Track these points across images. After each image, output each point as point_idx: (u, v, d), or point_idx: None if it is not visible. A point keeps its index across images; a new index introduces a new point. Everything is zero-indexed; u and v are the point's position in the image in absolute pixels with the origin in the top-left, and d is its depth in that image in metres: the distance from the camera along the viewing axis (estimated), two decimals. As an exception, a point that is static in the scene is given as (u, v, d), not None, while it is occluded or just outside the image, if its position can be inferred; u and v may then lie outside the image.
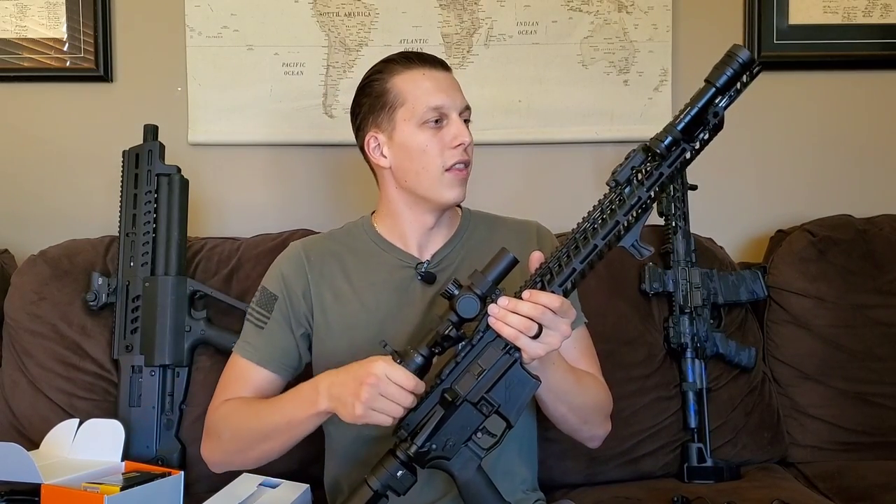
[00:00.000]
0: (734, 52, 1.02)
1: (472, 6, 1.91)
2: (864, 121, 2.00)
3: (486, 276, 1.04)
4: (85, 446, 1.37)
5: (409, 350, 1.06)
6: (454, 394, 1.05)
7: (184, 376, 1.56)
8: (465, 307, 1.04)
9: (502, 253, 1.05)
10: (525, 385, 1.07)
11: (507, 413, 1.07)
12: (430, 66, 1.26)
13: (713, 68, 1.04)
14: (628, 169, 1.05)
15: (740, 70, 1.02)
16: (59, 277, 1.61)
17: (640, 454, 1.59)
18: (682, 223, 1.69)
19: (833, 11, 1.95)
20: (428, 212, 1.28)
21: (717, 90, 1.03)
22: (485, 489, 1.08)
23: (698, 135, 1.05)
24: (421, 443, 1.06)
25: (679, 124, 1.03)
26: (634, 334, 1.64)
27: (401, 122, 1.25)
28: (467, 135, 1.23)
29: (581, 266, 1.05)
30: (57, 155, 1.92)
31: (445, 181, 1.24)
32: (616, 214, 1.05)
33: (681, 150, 1.05)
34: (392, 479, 1.06)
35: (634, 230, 1.05)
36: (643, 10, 1.92)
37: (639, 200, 1.05)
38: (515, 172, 1.95)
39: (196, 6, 1.88)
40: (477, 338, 1.07)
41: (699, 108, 1.03)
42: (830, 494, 1.52)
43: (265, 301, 1.30)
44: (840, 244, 1.75)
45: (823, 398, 1.69)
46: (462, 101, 1.26)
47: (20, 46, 1.88)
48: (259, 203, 1.93)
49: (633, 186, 1.05)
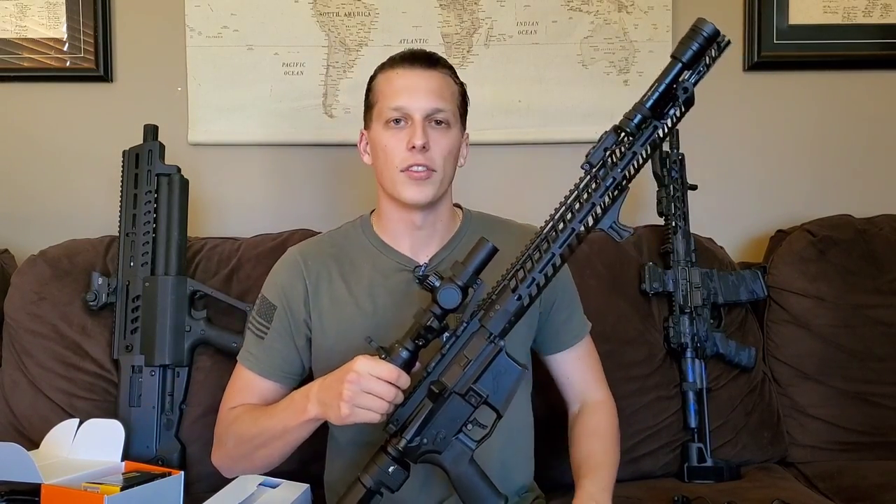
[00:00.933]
0: (698, 26, 1.02)
1: (472, 6, 1.91)
2: (864, 121, 2.00)
3: (466, 267, 1.05)
4: (85, 446, 1.37)
5: (395, 345, 1.06)
6: (441, 385, 1.06)
7: (184, 376, 1.56)
8: (446, 298, 1.04)
9: (482, 243, 1.06)
10: (512, 373, 1.07)
11: (496, 403, 1.07)
12: (409, 66, 1.26)
13: (678, 43, 1.04)
14: (601, 150, 1.05)
15: (705, 44, 1.02)
16: (59, 277, 1.61)
17: (640, 454, 1.59)
18: (682, 223, 1.69)
19: (833, 11, 1.96)
20: (405, 210, 1.27)
21: (683, 65, 1.03)
22: (478, 480, 1.08)
23: (669, 111, 1.05)
24: (410, 437, 1.06)
25: (647, 102, 1.03)
26: (634, 334, 1.64)
27: (374, 120, 1.28)
28: (419, 137, 1.21)
29: (560, 250, 1.05)
30: (57, 155, 1.92)
31: (400, 180, 1.24)
32: (592, 197, 1.05)
33: (652, 127, 1.05)
34: (384, 476, 1.06)
35: (612, 211, 1.05)
36: (643, 10, 1.92)
37: (613, 181, 1.05)
38: (515, 172, 1.95)
39: (196, 6, 1.88)
40: (461, 329, 1.07)
41: (666, 84, 1.03)
42: (830, 494, 1.52)
43: (265, 311, 1.31)
44: (840, 244, 1.75)
45: (823, 398, 1.69)
46: (429, 103, 1.23)
47: (20, 46, 1.88)
48: (259, 203, 1.93)
49: (608, 167, 1.05)
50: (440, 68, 1.27)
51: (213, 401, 1.55)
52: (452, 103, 1.27)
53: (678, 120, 1.06)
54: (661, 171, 1.72)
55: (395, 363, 1.05)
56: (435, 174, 1.24)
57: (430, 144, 1.23)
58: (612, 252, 1.70)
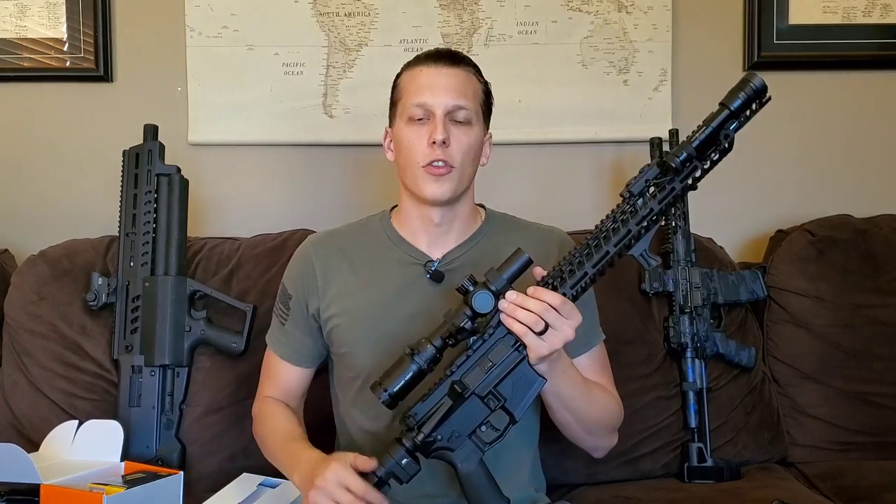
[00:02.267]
0: (749, 79, 1.07)
1: (472, 6, 1.91)
2: (864, 121, 1.99)
3: (500, 274, 1.08)
4: (84, 447, 1.37)
5: (423, 341, 1.08)
6: (463, 386, 1.08)
7: (184, 376, 1.56)
8: (479, 302, 1.07)
9: (518, 253, 1.09)
10: (531, 382, 1.10)
11: (513, 408, 1.10)
12: (434, 63, 1.28)
13: (728, 92, 1.08)
14: (642, 181, 1.10)
15: (753, 96, 1.07)
16: (59, 277, 1.61)
17: (640, 454, 1.59)
18: (682, 223, 1.69)
19: (833, 11, 1.95)
20: (425, 207, 1.29)
21: (730, 113, 1.08)
22: (485, 482, 1.11)
23: (709, 154, 1.10)
24: (428, 432, 1.09)
25: (695, 142, 1.09)
26: (634, 334, 1.64)
27: (398, 117, 1.30)
28: (440, 132, 1.23)
29: (592, 271, 1.10)
30: (57, 155, 1.92)
31: (420, 176, 1.25)
32: (628, 223, 1.09)
33: (692, 167, 1.10)
34: (396, 467, 1.08)
35: (644, 240, 1.10)
36: (643, 10, 1.92)
37: (650, 212, 1.09)
38: (515, 172, 1.94)
39: (196, 6, 1.88)
40: (488, 333, 1.10)
41: (713, 128, 1.08)
42: (830, 494, 1.52)
43: (284, 298, 1.37)
44: (840, 244, 1.75)
45: (823, 398, 1.69)
46: (450, 100, 1.25)
47: (20, 46, 1.88)
48: (259, 203, 1.93)
49: (646, 198, 1.10)
50: (464, 66, 1.29)
51: (212, 401, 1.56)
52: (475, 101, 1.29)
53: (714, 164, 1.11)
54: (661, 171, 1.72)
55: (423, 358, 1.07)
56: (454, 170, 1.25)
57: (451, 141, 1.24)
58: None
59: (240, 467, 1.43)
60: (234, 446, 1.53)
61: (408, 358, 1.08)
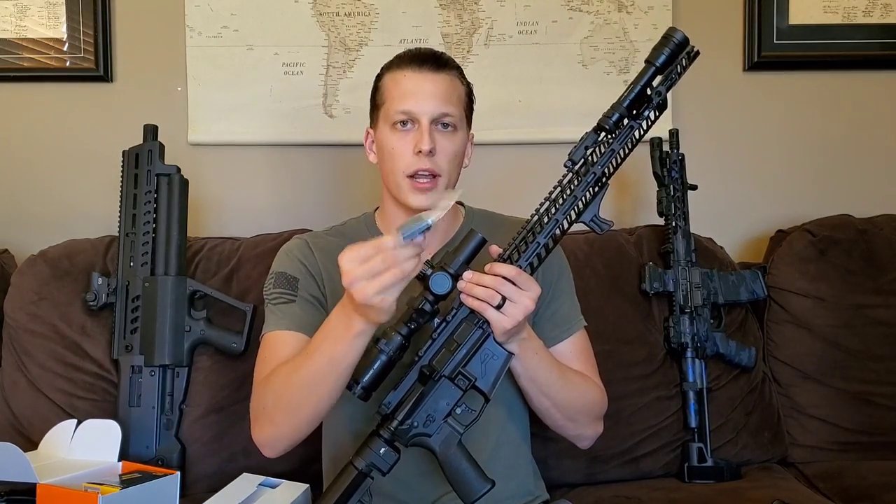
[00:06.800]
0: (671, 34, 1.12)
1: (472, 6, 1.91)
2: (864, 121, 1.99)
3: (456, 256, 1.08)
4: (82, 447, 1.37)
5: (388, 330, 1.08)
6: (431, 369, 1.10)
7: (183, 376, 1.56)
8: (437, 284, 1.06)
9: (471, 234, 1.09)
10: (498, 358, 1.12)
11: (484, 387, 1.11)
12: (418, 67, 1.25)
13: (653, 48, 1.12)
14: (582, 149, 1.13)
15: (677, 50, 1.11)
16: (59, 277, 1.61)
17: (640, 454, 1.59)
18: (682, 223, 1.69)
19: (833, 11, 1.96)
20: (407, 212, 1.26)
21: (656, 69, 1.12)
22: (465, 464, 1.11)
23: (644, 113, 1.13)
24: (401, 418, 1.09)
25: (625, 101, 1.12)
26: (634, 334, 1.64)
27: (381, 120, 1.28)
28: (426, 143, 1.21)
29: (544, 240, 1.11)
30: (57, 155, 1.92)
31: (405, 187, 1.24)
32: (574, 191, 1.12)
33: (629, 127, 1.13)
34: (376, 458, 1.09)
35: (593, 205, 1.12)
36: (643, 10, 1.92)
37: (594, 177, 1.12)
38: (515, 172, 1.95)
39: (196, 6, 1.88)
40: (451, 314, 1.11)
41: (641, 85, 1.12)
42: (830, 494, 1.52)
43: (286, 282, 1.30)
44: (840, 244, 1.75)
45: (823, 398, 1.69)
46: (436, 107, 1.23)
47: (20, 46, 1.88)
48: (259, 203, 1.93)
49: (588, 164, 1.13)
50: (448, 70, 1.27)
51: (212, 401, 1.56)
52: (459, 107, 1.28)
53: (652, 123, 1.14)
54: (661, 171, 1.72)
55: (389, 347, 1.06)
56: (440, 179, 1.25)
57: (437, 149, 1.23)
58: (612, 252, 1.70)
59: (240, 467, 1.42)
60: (234, 446, 1.53)
61: (375, 349, 1.07)
